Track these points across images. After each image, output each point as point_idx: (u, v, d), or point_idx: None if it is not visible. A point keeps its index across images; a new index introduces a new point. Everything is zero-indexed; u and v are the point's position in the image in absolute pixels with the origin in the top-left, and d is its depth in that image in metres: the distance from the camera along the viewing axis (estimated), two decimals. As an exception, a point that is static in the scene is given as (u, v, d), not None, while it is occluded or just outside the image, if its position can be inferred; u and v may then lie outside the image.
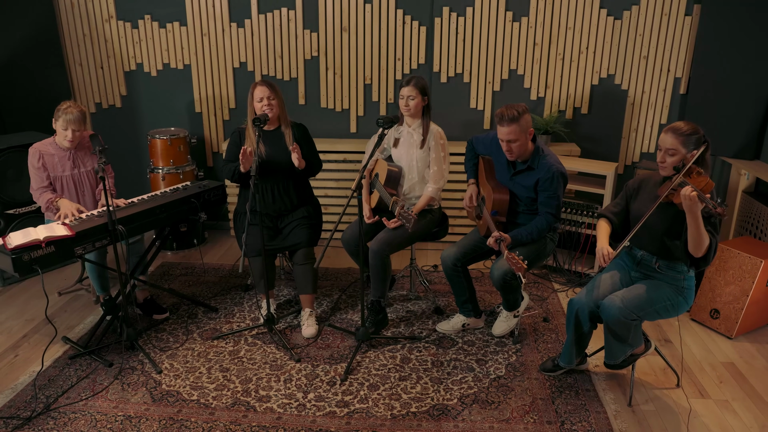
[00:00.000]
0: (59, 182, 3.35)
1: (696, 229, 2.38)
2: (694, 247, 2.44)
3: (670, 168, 2.51)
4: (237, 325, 3.49)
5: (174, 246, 4.56)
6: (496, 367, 3.08)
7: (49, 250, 2.84)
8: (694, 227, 2.38)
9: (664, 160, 2.52)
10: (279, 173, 3.36)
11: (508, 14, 4.25)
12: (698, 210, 2.32)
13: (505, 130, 2.89)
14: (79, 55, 4.63)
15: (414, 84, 3.25)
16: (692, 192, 2.30)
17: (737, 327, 3.33)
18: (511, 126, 2.87)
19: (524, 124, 2.89)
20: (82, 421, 2.68)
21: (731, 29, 3.94)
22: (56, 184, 3.34)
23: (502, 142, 2.95)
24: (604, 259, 2.60)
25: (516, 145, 2.93)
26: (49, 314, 3.62)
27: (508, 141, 2.92)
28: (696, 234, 2.39)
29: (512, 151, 2.96)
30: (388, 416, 2.72)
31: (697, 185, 2.37)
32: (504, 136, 2.91)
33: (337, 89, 4.54)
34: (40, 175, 3.29)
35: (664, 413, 2.76)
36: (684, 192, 2.32)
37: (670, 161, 2.51)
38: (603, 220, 2.82)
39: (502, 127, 2.90)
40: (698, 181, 2.41)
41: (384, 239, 3.26)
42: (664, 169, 2.55)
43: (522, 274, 2.73)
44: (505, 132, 2.89)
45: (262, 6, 4.39)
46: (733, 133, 4.06)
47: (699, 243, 2.42)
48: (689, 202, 2.31)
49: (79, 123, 3.24)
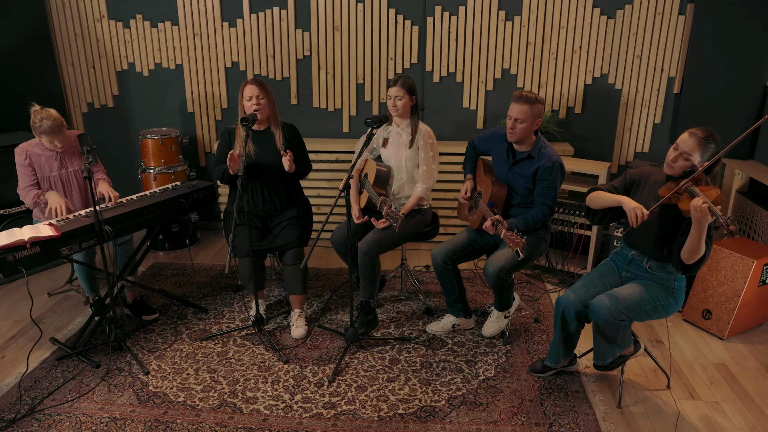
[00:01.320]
0: (47, 182, 3.33)
1: (698, 239, 2.35)
2: (688, 254, 2.41)
3: (680, 170, 2.48)
4: (226, 326, 3.47)
5: (166, 246, 4.54)
6: (486, 368, 3.06)
7: (35, 251, 2.82)
8: (697, 238, 2.35)
9: (676, 160, 2.48)
10: (268, 174, 3.34)
11: (501, 13, 4.23)
12: (706, 223, 2.29)
13: (517, 108, 2.92)
14: (71, 55, 4.61)
15: (401, 84, 3.23)
16: (703, 204, 2.26)
17: (729, 328, 3.31)
18: (524, 105, 2.91)
19: (536, 111, 2.94)
20: (66, 423, 2.67)
21: (725, 28, 3.92)
22: (44, 184, 3.32)
23: (510, 120, 2.97)
24: (639, 216, 2.44)
25: (521, 127, 2.95)
26: (38, 315, 3.60)
27: (516, 119, 2.94)
28: (696, 243, 2.36)
29: (515, 131, 2.97)
30: (375, 418, 2.69)
31: (708, 195, 2.34)
32: (515, 113, 2.94)
33: (330, 89, 4.52)
34: (27, 173, 3.27)
35: (654, 415, 2.73)
36: (695, 203, 2.28)
37: (681, 165, 2.47)
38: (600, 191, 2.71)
39: (517, 104, 2.93)
40: (708, 192, 2.37)
41: (373, 239, 3.24)
42: (671, 168, 2.51)
43: (521, 249, 2.67)
44: (517, 110, 2.92)
45: (254, 5, 4.38)
46: (727, 133, 3.99)
47: (696, 252, 2.40)
48: (699, 213, 2.27)
49: (59, 128, 3.20)
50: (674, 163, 2.49)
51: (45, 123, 3.15)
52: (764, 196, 3.78)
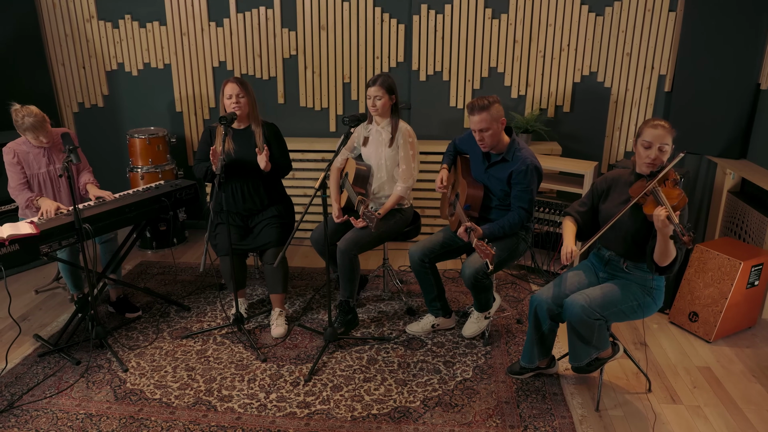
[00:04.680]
0: (35, 179, 3.35)
1: (665, 245, 2.32)
2: (659, 257, 2.39)
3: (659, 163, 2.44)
4: (207, 324, 3.47)
5: (153, 245, 4.55)
6: (464, 369, 3.03)
7: (14, 249, 2.83)
8: (663, 244, 2.32)
9: (657, 157, 2.43)
10: (248, 172, 3.33)
11: (488, 11, 4.19)
12: (669, 231, 2.26)
13: (476, 119, 2.88)
14: (62, 55, 4.64)
15: (380, 84, 3.21)
16: (664, 214, 2.23)
17: (716, 331, 3.25)
18: (481, 114, 2.86)
19: (495, 113, 2.88)
20: (43, 419, 2.68)
21: (716, 25, 3.85)
22: (32, 181, 3.34)
23: (475, 132, 2.94)
24: (567, 257, 2.55)
25: (488, 135, 2.90)
26: (24, 312, 3.63)
27: (480, 130, 2.90)
28: (663, 248, 2.34)
29: (485, 141, 2.94)
30: (349, 418, 2.68)
31: (670, 198, 2.30)
32: (475, 125, 2.90)
33: (316, 88, 4.51)
34: (16, 172, 3.30)
35: (632, 419, 2.69)
36: (656, 213, 2.25)
37: (662, 157, 2.43)
38: (569, 219, 2.77)
39: (473, 116, 2.89)
40: (672, 194, 2.33)
41: (351, 239, 3.23)
42: (653, 166, 2.45)
43: (490, 261, 2.67)
44: (477, 121, 2.88)
45: (241, 5, 4.38)
46: (719, 132, 3.98)
47: (665, 256, 2.37)
48: (660, 224, 2.25)
49: (41, 124, 3.22)
50: (656, 160, 2.44)
51: (27, 120, 3.18)
52: (756, 197, 3.71)
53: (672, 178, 2.39)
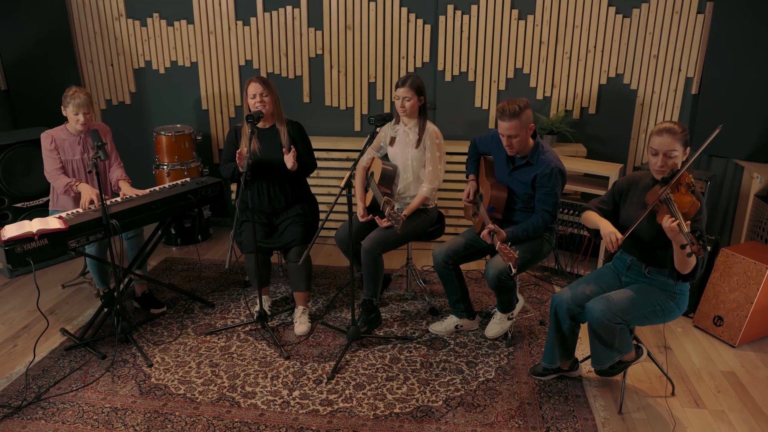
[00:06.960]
0: (70, 166, 3.43)
1: (681, 254, 2.29)
2: (679, 265, 2.36)
3: (669, 170, 2.41)
4: (231, 321, 3.51)
5: (178, 242, 4.61)
6: (486, 369, 3.03)
7: (42, 243, 2.89)
8: (679, 252, 2.29)
9: (665, 164, 2.41)
10: (273, 171, 3.37)
11: (514, 12, 4.18)
12: (681, 241, 2.22)
13: (506, 125, 2.86)
14: (90, 53, 4.72)
15: (409, 85, 3.22)
16: (673, 223, 2.21)
17: (741, 335, 3.22)
18: (512, 121, 2.84)
19: (525, 120, 2.86)
20: (69, 412, 2.73)
21: (745, 28, 3.80)
22: (67, 168, 3.42)
23: (503, 137, 2.92)
24: (613, 244, 2.43)
25: (517, 141, 2.90)
26: (51, 306, 3.70)
27: (509, 136, 2.89)
28: (681, 257, 2.31)
29: (513, 146, 2.93)
30: (371, 416, 2.69)
31: (681, 205, 2.28)
32: (505, 131, 2.88)
33: (342, 87, 4.53)
34: (53, 157, 3.39)
35: (655, 422, 2.67)
36: (665, 222, 2.23)
37: (671, 164, 2.41)
38: (590, 212, 2.70)
39: (503, 122, 2.87)
40: (684, 201, 2.30)
41: (376, 238, 3.24)
42: (662, 172, 2.44)
43: (513, 264, 2.67)
44: (506, 127, 2.87)
45: (268, 4, 4.41)
46: (746, 135, 3.92)
47: (684, 264, 2.34)
48: (671, 234, 2.23)
49: (87, 106, 3.33)
50: (663, 167, 2.42)
51: (79, 94, 3.31)
52: (783, 201, 3.66)
53: (686, 182, 2.37)
